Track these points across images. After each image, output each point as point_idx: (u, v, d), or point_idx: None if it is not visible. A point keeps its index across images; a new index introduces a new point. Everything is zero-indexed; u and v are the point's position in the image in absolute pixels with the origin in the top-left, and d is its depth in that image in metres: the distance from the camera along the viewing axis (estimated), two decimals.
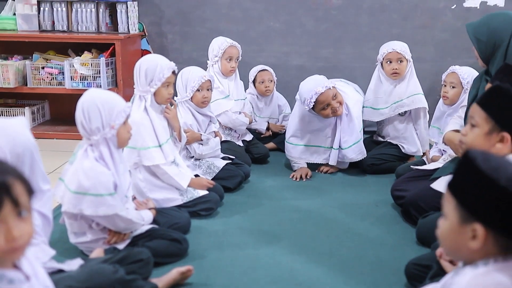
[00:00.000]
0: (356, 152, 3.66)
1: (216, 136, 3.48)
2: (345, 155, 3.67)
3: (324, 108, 3.50)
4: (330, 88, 3.47)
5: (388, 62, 3.77)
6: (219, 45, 3.86)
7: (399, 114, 3.83)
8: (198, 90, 3.28)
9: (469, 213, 1.24)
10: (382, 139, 3.97)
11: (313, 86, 3.47)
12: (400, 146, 3.85)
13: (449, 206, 1.29)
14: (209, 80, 3.32)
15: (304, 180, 3.64)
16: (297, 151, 3.75)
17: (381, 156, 3.81)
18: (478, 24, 2.66)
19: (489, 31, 2.59)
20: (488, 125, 1.90)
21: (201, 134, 3.35)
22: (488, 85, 2.28)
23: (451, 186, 1.29)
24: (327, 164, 3.79)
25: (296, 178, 3.65)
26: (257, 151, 3.99)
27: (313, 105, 3.48)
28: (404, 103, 3.79)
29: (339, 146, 3.66)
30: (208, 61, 3.92)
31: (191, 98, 3.30)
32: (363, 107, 3.90)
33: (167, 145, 2.88)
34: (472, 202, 1.24)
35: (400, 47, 3.76)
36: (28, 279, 1.36)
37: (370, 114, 3.92)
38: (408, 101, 3.78)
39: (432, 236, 2.17)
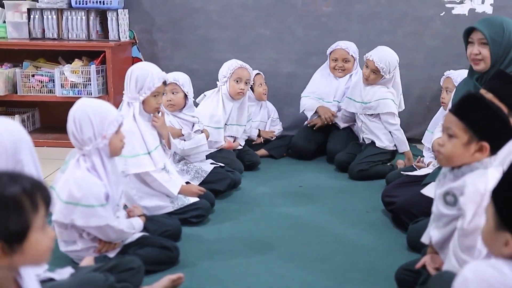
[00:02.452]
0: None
1: (203, 132, 3.48)
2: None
3: (334, 60, 4.32)
4: (348, 53, 4.26)
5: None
6: (228, 66, 3.84)
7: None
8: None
9: (502, 223, 1.29)
10: (361, 141, 4.08)
11: (341, 42, 4.31)
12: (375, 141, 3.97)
13: (489, 210, 1.35)
14: (173, 83, 3.33)
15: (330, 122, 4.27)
16: (306, 100, 4.37)
17: (367, 159, 3.85)
18: (491, 24, 2.65)
19: (506, 34, 2.61)
20: (467, 135, 1.90)
21: (181, 129, 3.34)
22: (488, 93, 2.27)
23: (493, 192, 1.34)
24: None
25: (324, 121, 4.24)
26: (249, 158, 3.99)
27: (331, 52, 4.32)
28: (371, 105, 3.92)
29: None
30: (217, 82, 3.88)
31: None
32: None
33: (157, 152, 2.87)
34: (505, 213, 1.29)
35: (379, 58, 3.85)
36: None
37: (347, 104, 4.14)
38: (375, 105, 3.91)
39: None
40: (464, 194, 1.88)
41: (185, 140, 3.37)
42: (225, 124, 3.84)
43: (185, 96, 3.40)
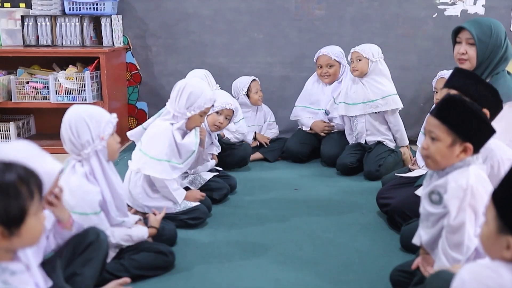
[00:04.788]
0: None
1: (212, 158, 3.52)
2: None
3: (319, 67, 4.35)
4: (331, 58, 4.28)
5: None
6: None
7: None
8: (217, 112, 3.38)
9: (505, 226, 1.28)
10: (364, 143, 4.07)
11: (324, 48, 4.35)
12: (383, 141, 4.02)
13: (489, 214, 1.34)
14: (232, 110, 3.44)
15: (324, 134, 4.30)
16: (298, 110, 4.44)
17: (379, 156, 3.90)
18: (479, 25, 2.68)
19: (493, 35, 2.64)
20: (450, 138, 1.92)
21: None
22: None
23: (493, 195, 1.33)
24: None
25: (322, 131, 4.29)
26: (240, 154, 4.04)
27: (316, 59, 4.36)
28: (378, 103, 3.96)
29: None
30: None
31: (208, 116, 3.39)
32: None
33: (177, 165, 2.91)
34: (508, 216, 1.28)
35: (359, 47, 3.99)
36: (28, 268, 1.52)
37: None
38: (383, 102, 3.96)
39: None
40: (447, 191, 1.91)
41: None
42: None
43: None
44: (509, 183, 1.30)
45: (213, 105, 2.97)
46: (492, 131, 1.92)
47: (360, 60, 3.93)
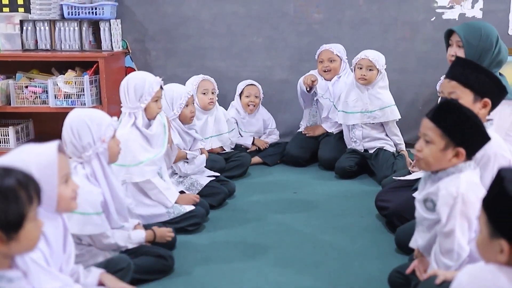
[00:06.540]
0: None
1: (202, 153, 3.50)
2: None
3: (320, 61, 4.34)
4: (333, 53, 4.27)
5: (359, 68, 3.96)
6: (191, 82, 3.96)
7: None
8: (185, 105, 3.32)
9: (496, 230, 1.30)
10: (363, 150, 4.05)
11: (326, 44, 4.34)
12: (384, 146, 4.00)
13: (481, 220, 1.36)
14: (192, 95, 3.39)
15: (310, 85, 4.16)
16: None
17: (390, 161, 3.89)
18: (469, 28, 2.72)
19: (482, 38, 2.67)
20: (444, 142, 1.93)
21: (186, 153, 3.36)
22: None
23: (483, 202, 1.35)
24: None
25: (306, 83, 4.14)
26: (239, 159, 4.02)
27: (318, 54, 4.35)
28: (376, 114, 3.97)
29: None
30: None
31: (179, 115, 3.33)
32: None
33: (156, 159, 2.90)
34: (498, 220, 1.30)
35: (373, 55, 3.94)
36: (25, 275, 1.51)
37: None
38: (380, 113, 3.96)
39: (410, 240, 2.22)
40: (438, 199, 1.92)
41: (188, 163, 3.40)
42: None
43: None
44: (497, 189, 1.31)
45: (161, 87, 2.95)
46: (486, 138, 1.93)
47: (371, 70, 3.92)
